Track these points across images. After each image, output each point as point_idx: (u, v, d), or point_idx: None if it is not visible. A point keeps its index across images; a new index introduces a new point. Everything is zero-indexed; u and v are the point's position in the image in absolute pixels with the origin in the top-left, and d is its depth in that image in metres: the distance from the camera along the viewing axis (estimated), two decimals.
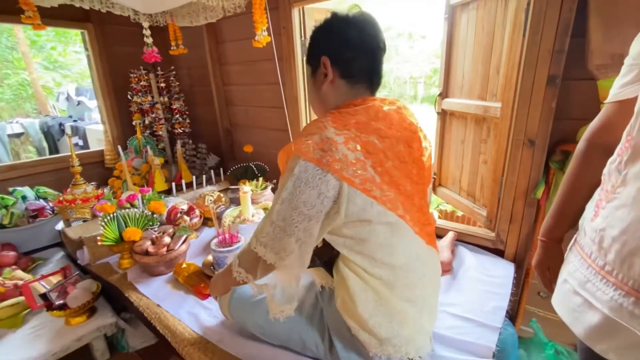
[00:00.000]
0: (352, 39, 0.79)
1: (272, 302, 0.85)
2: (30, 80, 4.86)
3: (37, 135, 4.20)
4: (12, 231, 1.83)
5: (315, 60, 0.84)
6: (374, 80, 0.85)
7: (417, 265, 0.83)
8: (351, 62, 0.81)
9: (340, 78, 0.83)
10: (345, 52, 0.80)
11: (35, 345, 1.33)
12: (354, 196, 0.71)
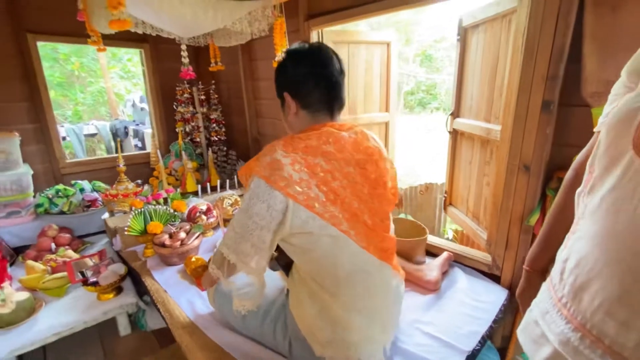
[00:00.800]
0: (305, 74, 0.90)
1: (236, 297, 0.97)
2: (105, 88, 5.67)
3: (107, 136, 4.86)
4: (70, 217, 2.20)
5: (280, 95, 0.95)
6: (334, 106, 0.95)
7: (363, 277, 0.90)
8: (309, 95, 0.91)
9: (302, 109, 0.93)
10: (301, 87, 0.91)
11: (72, 313, 1.60)
12: (298, 210, 0.81)
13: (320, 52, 0.91)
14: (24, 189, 2.08)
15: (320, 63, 0.90)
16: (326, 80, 0.91)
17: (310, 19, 1.97)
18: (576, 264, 0.57)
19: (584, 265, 0.55)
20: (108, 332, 1.77)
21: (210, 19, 1.71)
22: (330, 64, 0.91)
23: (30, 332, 1.48)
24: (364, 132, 0.97)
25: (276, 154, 0.82)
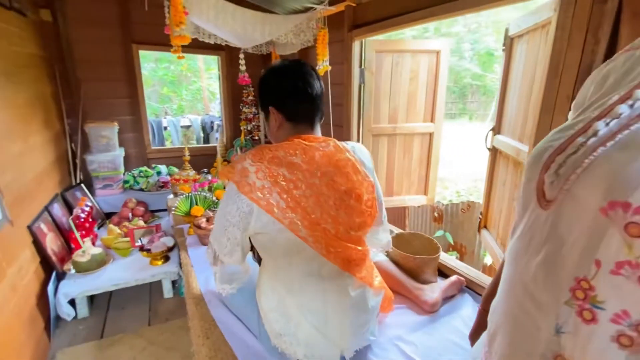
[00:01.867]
0: (289, 88, 0.98)
1: (216, 281, 1.13)
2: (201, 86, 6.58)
3: (198, 129, 5.63)
4: (146, 194, 2.68)
5: (265, 108, 1.05)
6: (315, 118, 1.01)
7: (317, 281, 0.95)
8: (293, 108, 0.99)
9: (287, 121, 1.02)
10: (286, 101, 0.99)
11: (130, 270, 1.99)
12: (260, 214, 0.91)
13: (302, 68, 0.99)
14: (116, 167, 2.63)
15: (303, 78, 0.98)
16: (309, 94, 0.98)
17: (354, 29, 2.03)
18: (492, 310, 0.55)
19: (494, 314, 0.54)
20: (155, 293, 2.14)
21: (258, 32, 1.92)
22: (312, 79, 0.98)
23: (98, 280, 1.90)
24: (337, 145, 1.01)
25: (245, 162, 0.94)
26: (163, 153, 3.11)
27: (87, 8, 2.55)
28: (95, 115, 2.70)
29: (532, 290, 0.44)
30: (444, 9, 1.48)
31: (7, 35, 1.82)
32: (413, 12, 1.63)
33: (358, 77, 2.10)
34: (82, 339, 1.78)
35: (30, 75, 2.08)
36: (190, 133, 6.25)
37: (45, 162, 2.14)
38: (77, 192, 2.44)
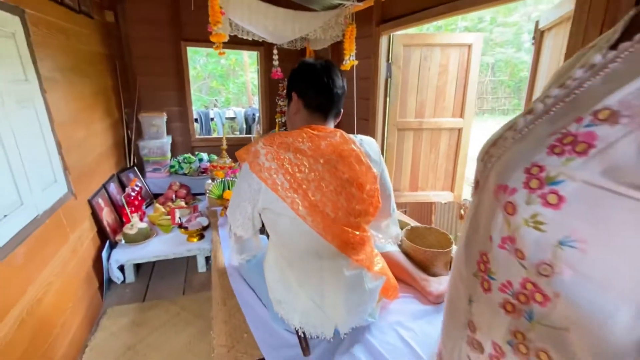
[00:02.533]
0: (314, 81, 1.07)
1: (231, 251, 1.27)
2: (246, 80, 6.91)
3: (241, 120, 5.95)
4: (189, 178, 2.95)
5: (290, 94, 1.16)
6: (329, 113, 1.10)
7: (315, 259, 1.05)
8: (312, 98, 1.09)
9: (304, 108, 1.12)
10: (309, 90, 1.09)
11: (170, 245, 2.24)
12: (267, 192, 1.03)
13: (331, 67, 1.08)
14: (164, 153, 2.92)
15: (328, 74, 1.07)
16: (330, 90, 1.07)
17: (381, 24, 2.06)
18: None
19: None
20: (191, 266, 2.38)
21: (289, 29, 2.03)
22: (336, 77, 1.07)
23: (143, 251, 2.17)
24: (344, 136, 1.09)
25: (257, 145, 1.05)
26: (206, 142, 3.38)
27: (144, 9, 2.84)
28: (148, 106, 3.01)
29: (459, 265, 0.50)
30: (467, 2, 1.47)
31: (77, 36, 2.12)
32: (438, 7, 1.63)
33: (385, 71, 2.13)
34: (127, 300, 2.06)
35: (95, 70, 2.40)
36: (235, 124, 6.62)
37: (104, 146, 2.46)
38: (130, 173, 2.77)
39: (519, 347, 0.39)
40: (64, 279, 1.62)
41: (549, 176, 0.36)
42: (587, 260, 0.33)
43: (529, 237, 0.37)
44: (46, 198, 1.54)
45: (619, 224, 0.31)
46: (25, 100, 1.48)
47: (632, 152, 0.30)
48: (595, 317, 0.34)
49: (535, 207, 0.36)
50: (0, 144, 1.26)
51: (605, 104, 0.34)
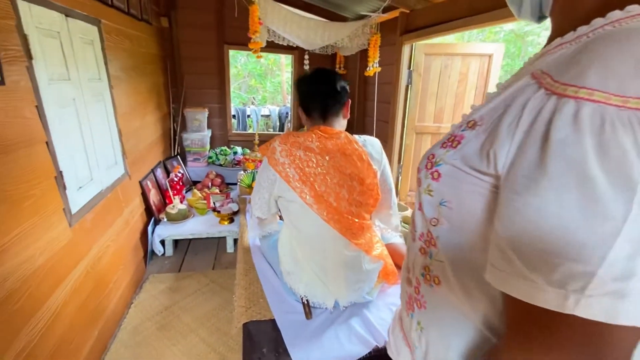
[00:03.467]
0: (306, 92, 1.27)
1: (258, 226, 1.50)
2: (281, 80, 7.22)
3: (275, 118, 6.26)
4: (224, 169, 3.26)
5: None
6: (325, 115, 1.28)
7: (320, 240, 1.24)
8: (309, 106, 1.29)
9: (305, 115, 1.32)
10: (304, 101, 1.29)
11: (204, 225, 2.54)
12: (281, 182, 1.24)
13: (318, 75, 1.27)
14: (204, 144, 3.25)
15: (314, 84, 1.26)
16: (317, 97, 1.26)
17: (405, 34, 2.20)
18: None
19: None
20: (221, 246, 2.67)
21: (318, 37, 2.24)
22: (325, 83, 1.26)
23: (181, 229, 2.48)
24: (348, 137, 1.28)
25: (275, 143, 1.27)
26: (241, 137, 3.69)
27: (193, 15, 3.18)
28: (192, 102, 3.36)
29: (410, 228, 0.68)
30: (481, 18, 1.60)
31: (137, 40, 2.47)
32: (455, 21, 1.76)
33: (406, 77, 2.27)
34: (166, 270, 2.38)
35: (150, 70, 2.75)
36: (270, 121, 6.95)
37: (154, 136, 2.82)
38: (174, 161, 3.12)
39: (426, 277, 0.56)
40: (117, 245, 1.94)
41: (435, 161, 0.52)
42: (452, 214, 0.49)
43: (425, 200, 0.53)
44: (109, 176, 1.86)
45: (466, 191, 0.46)
46: (98, 94, 1.80)
47: (476, 147, 0.45)
48: (459, 251, 0.50)
49: (428, 181, 0.52)
50: (80, 130, 1.58)
51: (473, 117, 0.49)
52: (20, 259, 1.15)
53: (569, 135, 0.33)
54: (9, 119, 1.12)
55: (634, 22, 0.37)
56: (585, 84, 0.33)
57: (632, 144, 0.30)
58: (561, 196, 0.33)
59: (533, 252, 0.35)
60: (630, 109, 0.31)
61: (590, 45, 0.37)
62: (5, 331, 1.07)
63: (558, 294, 0.33)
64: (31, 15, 1.26)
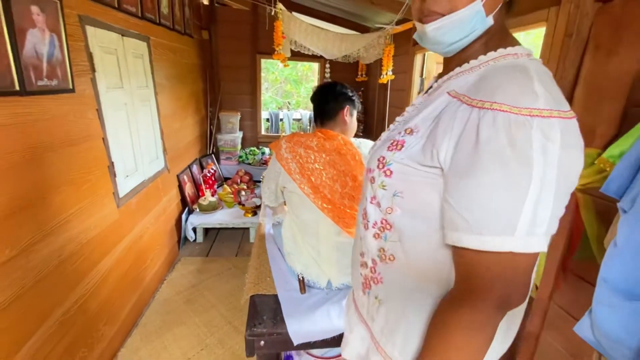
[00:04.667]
0: (312, 101, 1.47)
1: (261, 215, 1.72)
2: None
3: (306, 121, 6.53)
4: (252, 167, 3.56)
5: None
6: (323, 119, 1.47)
7: (315, 225, 1.43)
8: (314, 113, 1.49)
9: (314, 121, 1.52)
10: (315, 108, 1.49)
11: (231, 217, 2.83)
12: (285, 174, 1.44)
13: (320, 88, 1.47)
14: (235, 145, 3.57)
15: (318, 96, 1.47)
16: (319, 104, 1.46)
17: (417, 44, 2.33)
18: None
19: None
20: (245, 236, 2.94)
21: (336, 48, 2.44)
22: (324, 95, 1.45)
23: (211, 218, 2.79)
24: (345, 139, 1.46)
25: (282, 141, 1.48)
26: (269, 138, 3.98)
27: (230, 28, 3.52)
28: (227, 106, 3.70)
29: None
30: None
31: (180, 52, 2.82)
32: None
33: (418, 85, 2.40)
34: (195, 254, 2.69)
35: (191, 78, 3.11)
36: (301, 124, 7.23)
37: (192, 136, 3.17)
38: (208, 159, 3.46)
39: (381, 256, 0.68)
40: (155, 228, 2.27)
41: (386, 162, 0.64)
42: (404, 202, 0.61)
43: (380, 194, 0.66)
44: (151, 168, 2.20)
45: (416, 182, 0.59)
46: (145, 100, 2.14)
47: (418, 148, 0.58)
48: (413, 231, 0.61)
49: (382, 178, 0.65)
50: (129, 129, 1.91)
51: (408, 125, 0.63)
52: (79, 229, 1.46)
53: (491, 134, 0.48)
54: (76, 119, 1.45)
55: (506, 60, 0.56)
56: (495, 100, 0.48)
57: (525, 136, 0.46)
58: (490, 176, 0.48)
59: (478, 215, 0.49)
60: (521, 114, 0.46)
61: (487, 75, 0.54)
62: (65, 284, 1.38)
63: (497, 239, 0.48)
64: (95, 37, 1.59)
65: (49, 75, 1.26)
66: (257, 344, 1.37)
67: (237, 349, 1.80)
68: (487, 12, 0.57)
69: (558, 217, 0.50)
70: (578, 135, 0.49)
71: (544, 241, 0.48)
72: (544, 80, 0.49)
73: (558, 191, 0.47)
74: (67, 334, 1.37)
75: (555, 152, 0.46)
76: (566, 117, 0.47)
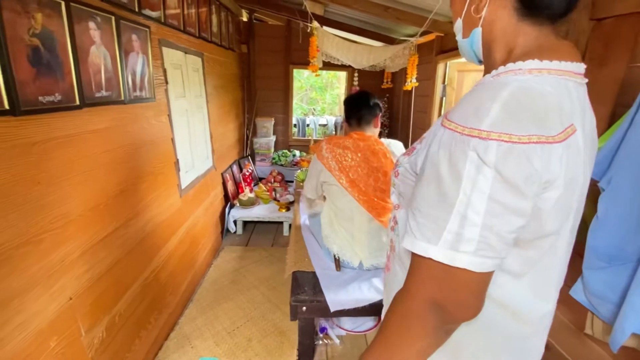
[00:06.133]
0: (349, 107, 1.73)
1: (304, 207, 1.99)
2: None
3: (332, 126, 6.82)
4: (284, 168, 3.87)
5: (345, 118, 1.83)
6: (360, 122, 1.73)
7: (351, 213, 1.68)
8: (350, 117, 1.74)
9: (348, 124, 1.78)
10: (348, 113, 1.75)
11: (267, 211, 3.13)
12: (325, 171, 1.71)
13: (358, 96, 1.73)
14: (269, 147, 3.90)
15: (356, 103, 1.72)
16: (357, 111, 1.72)
17: (440, 54, 2.56)
18: None
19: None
20: (279, 230, 3.24)
21: (365, 59, 2.71)
22: (362, 103, 1.71)
23: (250, 212, 3.10)
24: (377, 139, 1.71)
25: (323, 143, 1.75)
26: (299, 142, 4.29)
27: (267, 42, 3.88)
28: (262, 113, 4.04)
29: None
30: None
31: (225, 65, 3.19)
32: None
33: (441, 91, 2.62)
34: (236, 244, 3.00)
35: (232, 87, 3.47)
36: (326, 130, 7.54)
37: (233, 140, 3.53)
38: (246, 160, 3.80)
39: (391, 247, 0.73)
40: (205, 219, 2.60)
41: (398, 164, 0.67)
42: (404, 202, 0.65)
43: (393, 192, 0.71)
44: (203, 166, 2.53)
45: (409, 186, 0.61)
46: (199, 107, 2.49)
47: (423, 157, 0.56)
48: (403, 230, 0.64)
49: (394, 179, 0.69)
50: (188, 131, 2.26)
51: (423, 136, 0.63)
52: (156, 212, 1.79)
53: (435, 150, 0.51)
54: (155, 122, 1.79)
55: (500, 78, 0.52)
56: (451, 118, 0.50)
57: (461, 154, 0.47)
58: (429, 185, 0.51)
59: (418, 220, 0.52)
60: (463, 134, 0.47)
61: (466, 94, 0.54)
62: (145, 256, 1.71)
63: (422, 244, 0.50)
64: (168, 56, 1.94)
65: (140, 87, 1.61)
66: (300, 309, 1.63)
67: (278, 321, 2.07)
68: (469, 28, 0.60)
69: (505, 239, 0.48)
70: (525, 160, 0.45)
71: (468, 260, 0.47)
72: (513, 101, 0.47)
73: (492, 212, 0.46)
74: (146, 297, 1.69)
75: (487, 174, 0.45)
76: (511, 140, 0.45)
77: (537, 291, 0.58)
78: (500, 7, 0.56)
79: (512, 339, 0.60)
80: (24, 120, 0.97)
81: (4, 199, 0.92)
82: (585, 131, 0.54)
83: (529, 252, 0.54)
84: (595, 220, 1.02)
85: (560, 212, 0.52)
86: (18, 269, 0.96)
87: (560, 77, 0.51)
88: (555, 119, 0.48)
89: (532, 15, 0.54)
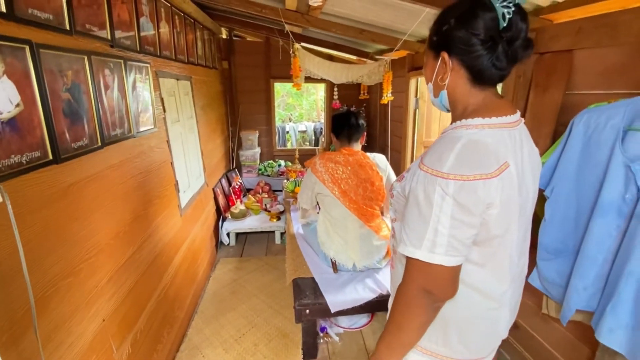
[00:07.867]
0: (339, 124, 1.94)
1: (299, 217, 2.18)
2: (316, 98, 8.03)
3: (311, 133, 7.02)
4: (271, 178, 4.02)
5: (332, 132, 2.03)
6: (350, 139, 1.94)
7: (344, 221, 1.89)
8: (340, 134, 1.95)
9: (337, 139, 1.99)
10: (337, 129, 1.96)
11: (258, 222, 3.29)
12: (319, 184, 1.90)
13: (348, 115, 1.94)
14: (255, 159, 4.04)
15: (346, 120, 1.93)
16: (347, 128, 1.93)
17: (411, 70, 2.82)
18: None
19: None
20: (271, 238, 3.40)
21: (344, 76, 2.92)
22: (350, 121, 1.92)
23: (242, 224, 3.24)
24: (364, 154, 1.93)
25: (316, 158, 1.95)
26: (283, 152, 4.45)
27: (246, 58, 4.02)
28: (246, 126, 4.18)
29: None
30: None
31: (209, 83, 3.31)
32: None
33: (414, 103, 2.88)
34: (230, 255, 3.14)
35: (217, 104, 3.60)
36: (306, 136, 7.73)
37: (220, 154, 3.65)
38: (233, 173, 3.93)
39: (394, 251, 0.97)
40: (202, 234, 2.73)
41: (393, 187, 0.86)
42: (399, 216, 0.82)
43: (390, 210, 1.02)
44: (197, 184, 2.66)
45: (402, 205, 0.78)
46: (191, 128, 2.62)
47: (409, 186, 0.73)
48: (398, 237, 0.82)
49: (391, 199, 0.88)
50: (183, 153, 2.38)
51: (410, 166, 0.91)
52: (162, 232, 1.92)
53: (415, 185, 0.71)
54: (158, 148, 1.92)
55: (455, 131, 0.72)
56: (424, 162, 0.70)
57: (431, 188, 0.66)
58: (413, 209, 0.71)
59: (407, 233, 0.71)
60: (432, 174, 0.67)
61: (435, 142, 0.75)
62: (157, 275, 1.83)
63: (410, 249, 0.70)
64: (164, 85, 2.07)
65: (145, 120, 1.74)
66: (304, 312, 1.82)
67: (280, 325, 2.24)
68: (437, 90, 0.79)
69: (465, 243, 0.68)
70: (472, 191, 0.65)
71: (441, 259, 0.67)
72: (463, 151, 0.66)
73: (454, 226, 0.66)
74: (159, 313, 1.82)
75: (449, 201, 0.65)
76: (462, 179, 0.64)
77: (496, 275, 0.78)
78: (458, 77, 0.75)
79: (482, 311, 0.80)
80: (63, 167, 1.10)
81: (54, 237, 1.05)
82: (523, 161, 0.74)
83: (485, 249, 0.74)
84: (544, 221, 1.28)
85: (501, 221, 0.71)
86: (66, 298, 1.09)
87: (497, 130, 0.70)
88: (493, 160, 0.67)
89: (479, 84, 0.74)
